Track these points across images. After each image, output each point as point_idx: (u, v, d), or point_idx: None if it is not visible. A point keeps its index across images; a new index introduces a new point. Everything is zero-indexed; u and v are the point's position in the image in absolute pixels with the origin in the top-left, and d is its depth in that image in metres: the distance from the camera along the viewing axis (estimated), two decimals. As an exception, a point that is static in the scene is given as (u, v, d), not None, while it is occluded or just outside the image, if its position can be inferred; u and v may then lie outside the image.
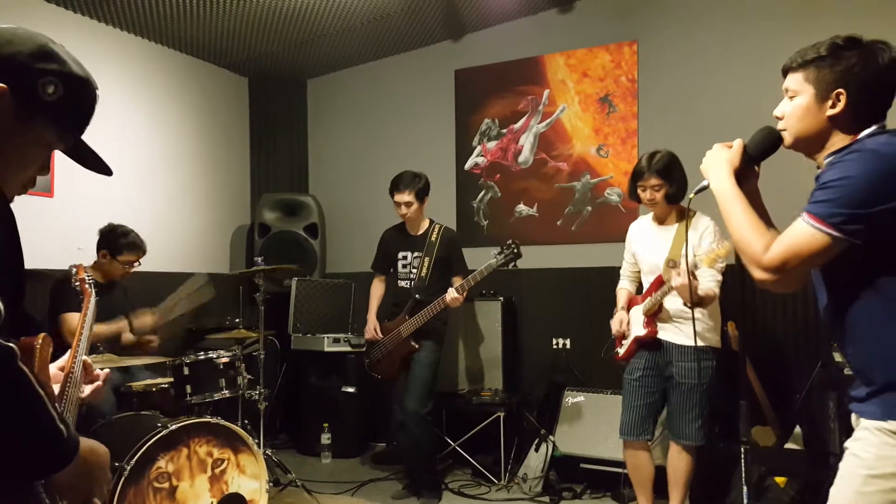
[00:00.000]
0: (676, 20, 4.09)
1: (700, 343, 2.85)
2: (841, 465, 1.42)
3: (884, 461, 1.33)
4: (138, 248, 3.48)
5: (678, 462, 2.91)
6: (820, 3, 3.66)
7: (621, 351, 3.05)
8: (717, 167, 1.54)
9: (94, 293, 1.91)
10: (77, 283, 2.25)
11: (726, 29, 3.93)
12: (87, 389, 1.45)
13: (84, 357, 1.44)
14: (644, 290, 3.02)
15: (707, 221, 2.88)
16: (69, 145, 1.15)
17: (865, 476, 1.35)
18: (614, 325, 3.07)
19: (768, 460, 3.04)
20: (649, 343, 2.93)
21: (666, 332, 2.91)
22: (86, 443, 1.07)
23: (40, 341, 1.13)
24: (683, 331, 2.87)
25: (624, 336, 3.05)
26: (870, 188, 1.29)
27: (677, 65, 4.09)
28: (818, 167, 1.47)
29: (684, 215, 2.90)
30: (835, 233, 1.31)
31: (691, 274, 2.60)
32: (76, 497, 1.10)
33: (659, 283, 2.89)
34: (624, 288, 3.19)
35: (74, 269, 2.32)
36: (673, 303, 2.87)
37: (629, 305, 3.09)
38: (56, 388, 1.31)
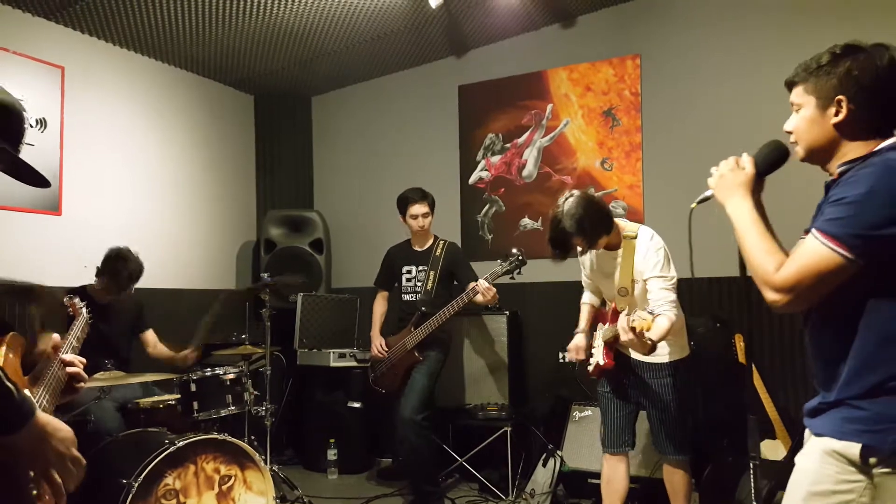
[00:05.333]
0: (679, 33, 4.12)
1: (668, 359, 2.75)
2: (791, 478, 1.42)
3: (823, 478, 1.32)
4: (138, 278, 3.46)
5: (673, 477, 2.86)
6: (821, 14, 3.67)
7: (590, 369, 2.96)
8: (732, 192, 1.50)
9: (85, 314, 2.04)
10: (69, 308, 2.46)
11: (729, 41, 3.95)
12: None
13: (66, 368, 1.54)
14: (607, 313, 2.92)
15: (645, 242, 2.69)
16: (7, 165, 1.21)
17: (807, 492, 1.34)
18: (570, 352, 2.97)
19: (778, 474, 3.01)
20: (611, 369, 2.84)
21: (631, 351, 2.79)
22: (44, 415, 1.16)
23: (8, 338, 1.35)
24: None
25: (590, 354, 2.96)
26: (886, 206, 1.24)
27: (681, 78, 4.11)
28: (830, 175, 1.44)
29: (624, 238, 2.74)
30: (850, 255, 1.26)
31: (634, 330, 2.37)
32: (34, 464, 1.18)
33: (615, 312, 2.77)
34: (586, 303, 3.11)
35: (69, 302, 2.54)
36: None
37: (596, 320, 3.02)
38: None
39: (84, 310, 2.25)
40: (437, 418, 3.81)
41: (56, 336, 1.54)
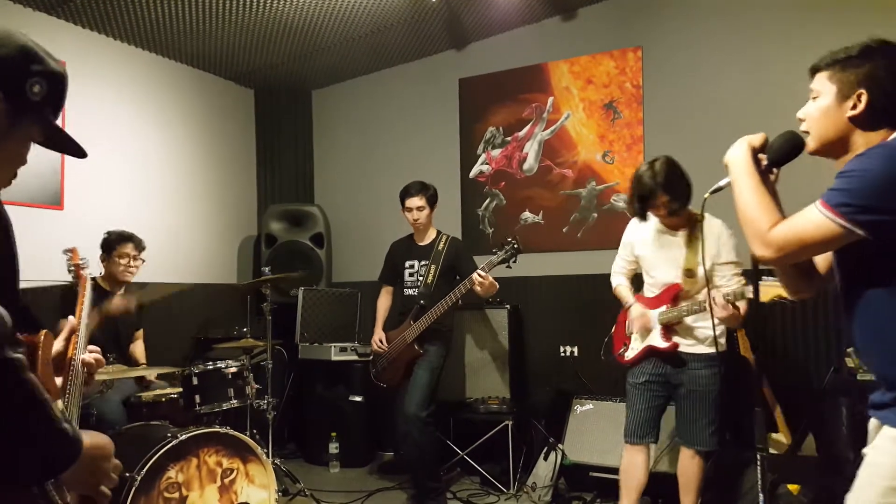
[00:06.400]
0: (681, 26, 4.10)
1: (714, 350, 2.81)
2: (859, 472, 1.36)
3: None
4: (129, 238, 3.48)
5: (690, 468, 2.88)
6: (821, 10, 3.65)
7: (629, 354, 2.97)
8: (735, 145, 1.51)
9: (89, 277, 1.83)
10: (72, 268, 2.12)
11: (731, 34, 3.93)
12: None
13: (83, 356, 1.40)
14: (654, 296, 2.93)
15: (719, 226, 2.77)
16: (47, 133, 1.15)
17: (885, 487, 1.29)
18: (638, 321, 2.90)
19: (781, 467, 3.02)
20: (666, 354, 2.86)
21: (678, 342, 2.86)
22: (88, 438, 1.10)
23: (42, 339, 1.17)
24: (696, 338, 2.82)
25: (629, 337, 2.98)
26: (891, 183, 1.24)
27: (682, 71, 4.09)
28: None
29: (692, 219, 2.80)
30: (843, 222, 1.27)
31: (724, 302, 2.59)
32: (83, 489, 1.13)
33: (675, 292, 2.82)
34: (622, 284, 3.12)
35: (69, 254, 2.16)
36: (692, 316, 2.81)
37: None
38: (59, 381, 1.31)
39: (87, 271, 2.02)
40: (438, 412, 3.82)
41: (71, 318, 1.40)
